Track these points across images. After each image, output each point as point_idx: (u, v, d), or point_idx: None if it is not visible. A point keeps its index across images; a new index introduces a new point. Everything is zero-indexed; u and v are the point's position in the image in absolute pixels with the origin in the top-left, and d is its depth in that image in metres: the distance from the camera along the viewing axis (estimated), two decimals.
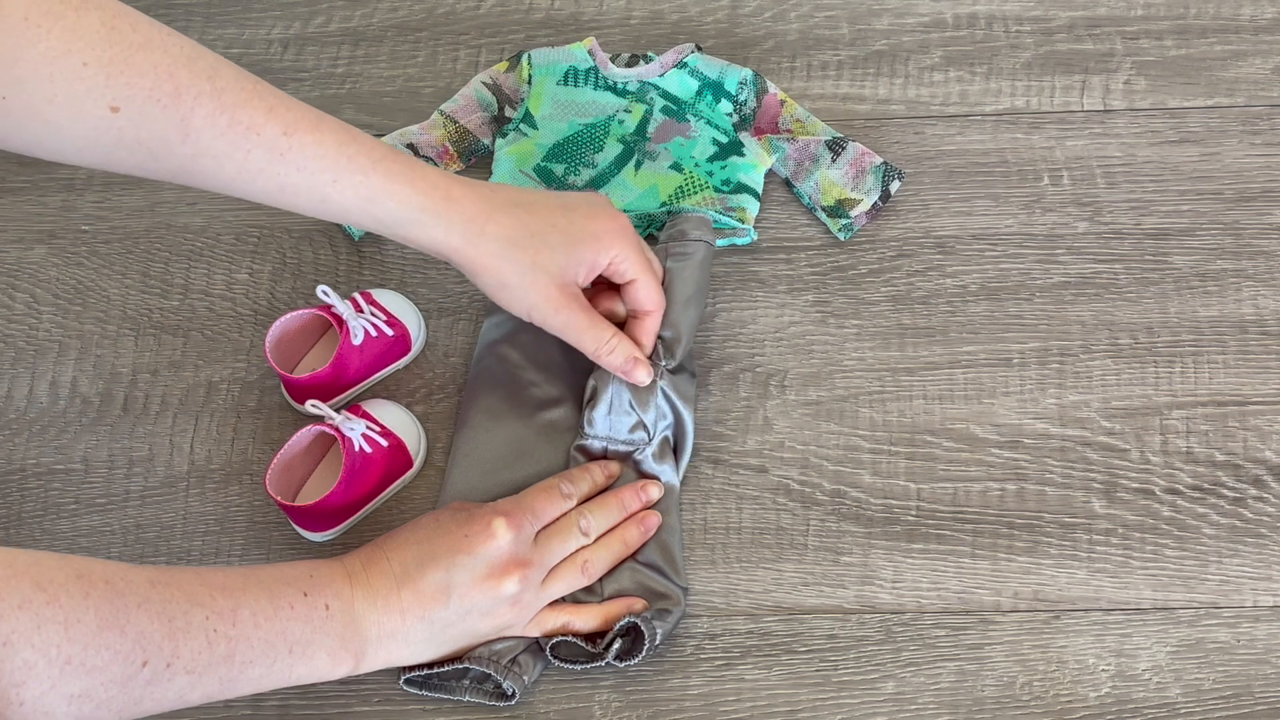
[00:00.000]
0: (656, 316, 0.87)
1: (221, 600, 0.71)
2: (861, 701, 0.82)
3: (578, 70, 1.01)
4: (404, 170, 0.80)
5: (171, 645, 0.68)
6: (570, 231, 0.83)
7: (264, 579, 0.75)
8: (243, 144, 0.76)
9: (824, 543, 0.87)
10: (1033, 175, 0.98)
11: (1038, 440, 0.89)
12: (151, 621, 0.68)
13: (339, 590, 0.77)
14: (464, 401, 0.91)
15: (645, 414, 0.86)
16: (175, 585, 0.70)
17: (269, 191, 0.78)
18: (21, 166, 1.03)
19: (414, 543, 0.80)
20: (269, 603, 0.73)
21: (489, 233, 0.81)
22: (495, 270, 0.82)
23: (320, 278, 0.97)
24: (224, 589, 0.72)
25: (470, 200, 0.81)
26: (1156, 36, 1.03)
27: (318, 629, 0.75)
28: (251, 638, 0.72)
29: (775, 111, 1.00)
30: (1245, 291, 0.93)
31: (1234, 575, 0.85)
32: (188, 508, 0.91)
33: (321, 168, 0.78)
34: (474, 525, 0.80)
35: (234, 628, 0.71)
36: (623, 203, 0.97)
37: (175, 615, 0.69)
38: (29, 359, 0.96)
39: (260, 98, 0.77)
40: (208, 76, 0.75)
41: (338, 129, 0.79)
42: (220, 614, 0.71)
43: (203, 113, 0.75)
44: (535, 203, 0.84)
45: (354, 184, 0.79)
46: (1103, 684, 0.82)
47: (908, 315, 0.93)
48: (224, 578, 0.73)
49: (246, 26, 1.08)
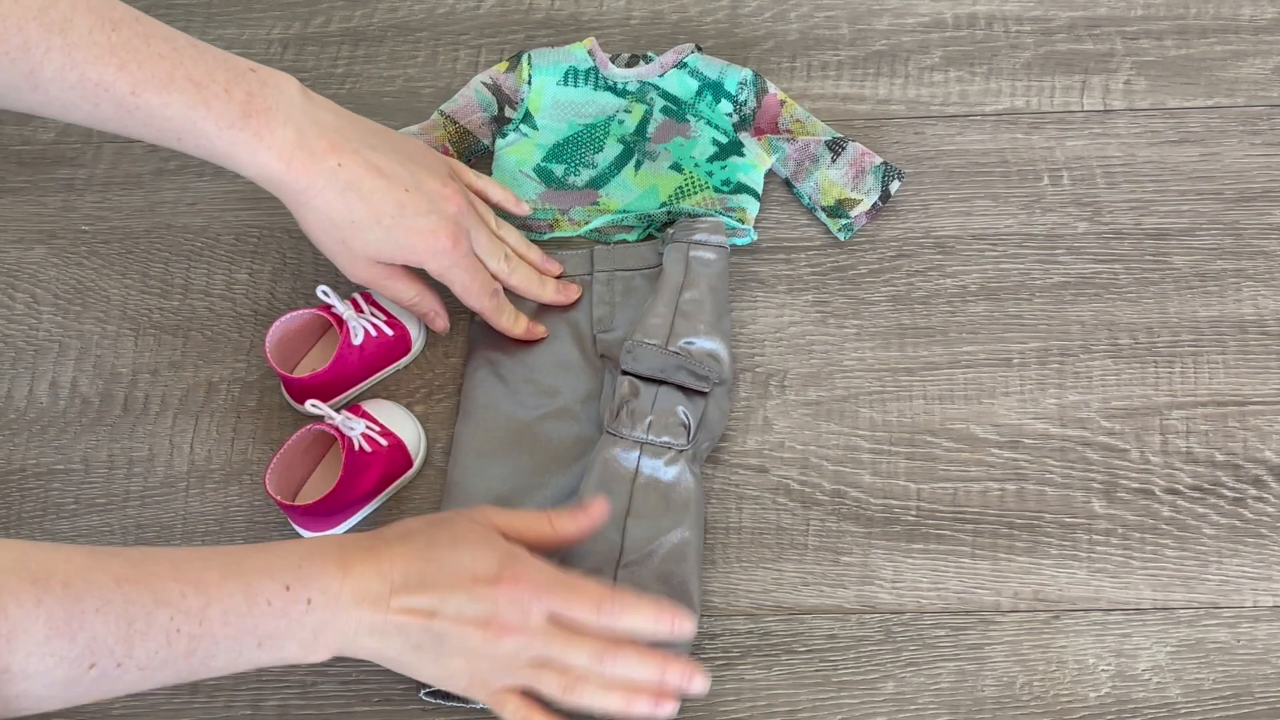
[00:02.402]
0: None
1: (192, 598, 0.69)
2: (861, 701, 0.82)
3: (578, 70, 1.01)
4: (248, 140, 0.81)
5: (125, 648, 0.66)
6: (394, 231, 0.85)
7: (245, 570, 0.71)
8: (91, 97, 0.78)
9: (824, 543, 0.87)
10: (1033, 175, 0.98)
11: (1038, 440, 0.89)
12: (107, 626, 0.66)
13: (327, 584, 0.73)
14: (462, 396, 0.92)
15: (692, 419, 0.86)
16: (144, 582, 0.68)
17: (120, 133, 0.81)
18: (21, 166, 1.03)
19: (422, 559, 0.75)
20: (244, 599, 0.70)
21: (318, 207, 0.84)
22: (314, 238, 0.86)
23: (320, 278, 0.97)
24: (198, 584, 0.69)
25: (308, 175, 0.82)
26: (1156, 36, 1.03)
27: (294, 622, 0.72)
28: (218, 635, 0.70)
29: (775, 112, 1.00)
30: (1245, 291, 0.93)
31: (1234, 575, 0.85)
32: (188, 508, 0.91)
33: (166, 128, 0.80)
34: (490, 568, 0.75)
35: (200, 626, 0.69)
36: (623, 203, 0.97)
37: (136, 618, 0.67)
38: (29, 359, 0.96)
39: (113, 52, 0.77)
40: (60, 29, 0.75)
41: (188, 89, 0.79)
42: (188, 613, 0.68)
43: (52, 67, 0.76)
44: (375, 190, 0.84)
45: (197, 147, 0.81)
46: (1103, 684, 0.82)
47: (908, 315, 0.93)
48: (202, 569, 0.70)
49: (246, 26, 1.08)
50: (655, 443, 0.85)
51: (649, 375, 0.87)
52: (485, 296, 0.89)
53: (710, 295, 0.90)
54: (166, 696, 0.85)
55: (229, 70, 0.81)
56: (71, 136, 1.04)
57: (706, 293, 0.90)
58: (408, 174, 0.85)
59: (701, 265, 0.91)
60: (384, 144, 0.86)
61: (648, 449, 0.86)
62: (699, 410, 0.87)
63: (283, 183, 0.83)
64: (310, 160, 0.82)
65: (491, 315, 0.91)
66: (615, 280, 0.94)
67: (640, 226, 0.97)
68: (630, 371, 0.87)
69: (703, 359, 0.88)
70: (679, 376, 0.86)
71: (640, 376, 0.87)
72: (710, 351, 0.88)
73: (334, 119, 0.84)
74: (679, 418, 0.86)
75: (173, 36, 0.80)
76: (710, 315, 0.89)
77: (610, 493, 0.84)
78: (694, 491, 0.85)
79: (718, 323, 0.90)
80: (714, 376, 0.87)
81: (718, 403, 0.88)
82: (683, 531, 0.84)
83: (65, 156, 1.04)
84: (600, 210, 0.97)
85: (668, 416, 0.86)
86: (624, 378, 0.87)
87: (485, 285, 0.90)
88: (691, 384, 0.86)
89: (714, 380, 0.87)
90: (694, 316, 0.89)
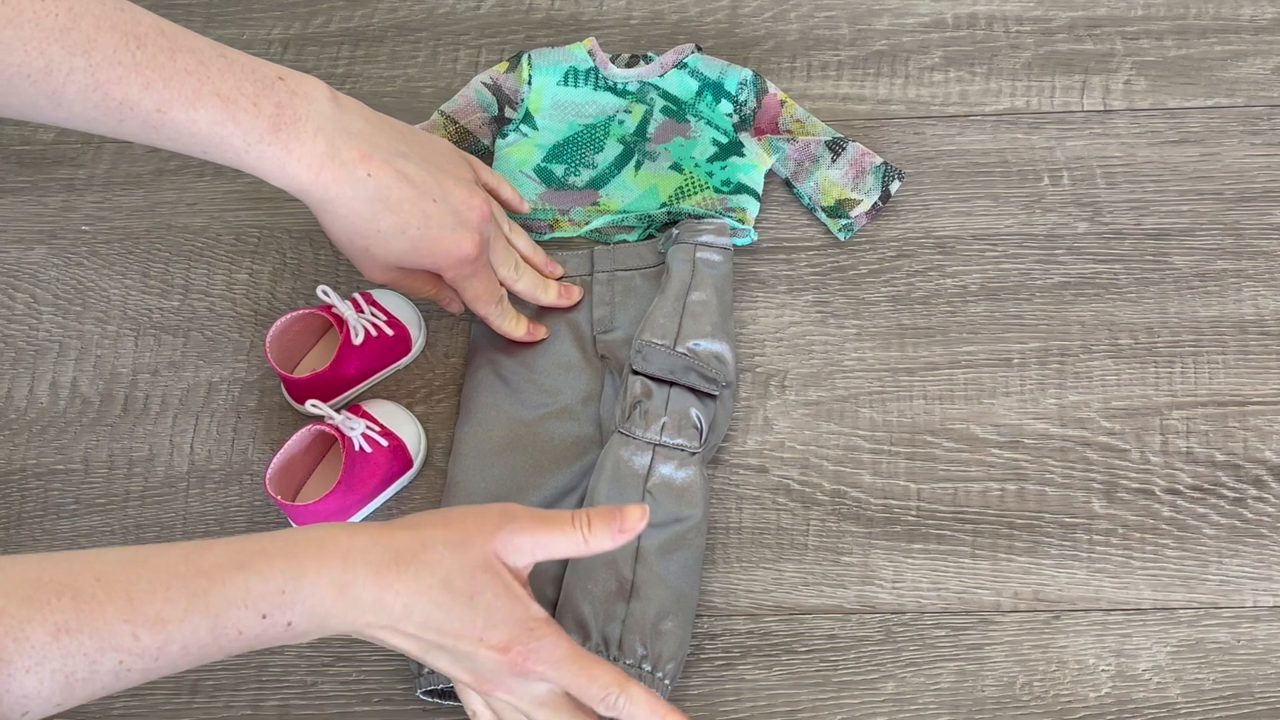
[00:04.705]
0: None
1: (147, 638, 0.63)
2: (861, 701, 0.82)
3: (578, 70, 1.01)
4: (276, 155, 0.79)
5: (65, 694, 0.62)
6: (419, 242, 0.84)
7: (214, 603, 0.65)
8: (116, 115, 0.76)
9: (824, 543, 0.87)
10: (1033, 175, 0.98)
11: (1038, 440, 0.89)
12: (40, 683, 0.61)
13: (314, 607, 0.67)
14: (464, 396, 0.92)
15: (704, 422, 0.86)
16: (88, 630, 0.62)
17: (145, 144, 0.82)
18: (21, 166, 1.03)
19: (431, 602, 0.69)
20: (209, 633, 0.65)
21: (344, 215, 0.83)
22: (337, 242, 0.85)
23: (320, 278, 0.97)
24: (155, 623, 0.63)
25: (337, 185, 0.81)
26: (1156, 36, 1.03)
27: (267, 639, 0.67)
28: (178, 663, 0.65)
29: (775, 112, 1.00)
30: (1245, 291, 0.93)
31: (1234, 575, 0.85)
32: (188, 508, 0.91)
33: (193, 143, 0.79)
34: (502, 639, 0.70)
35: (156, 661, 0.64)
36: (623, 203, 0.97)
37: (76, 669, 0.62)
38: (29, 359, 0.96)
39: (138, 71, 0.76)
40: (83, 51, 0.74)
41: (215, 105, 0.77)
42: (140, 654, 0.63)
43: (75, 88, 0.75)
44: (403, 201, 0.83)
45: (224, 159, 0.80)
46: (1103, 684, 0.82)
47: (908, 315, 0.93)
48: (164, 602, 0.64)
49: (246, 26, 1.08)
50: (669, 445, 0.85)
51: (659, 376, 0.87)
52: (492, 303, 0.90)
53: (716, 297, 0.90)
54: (166, 696, 0.85)
55: (257, 81, 0.79)
56: (72, 136, 1.04)
57: (712, 294, 0.90)
58: (435, 184, 0.84)
59: (708, 267, 0.91)
60: (414, 150, 0.85)
61: (660, 451, 0.86)
62: (710, 413, 0.87)
63: (310, 192, 0.82)
64: (340, 171, 0.81)
65: (496, 320, 0.91)
66: (615, 280, 0.94)
67: (640, 227, 0.97)
68: (640, 372, 0.87)
69: (709, 360, 0.88)
70: (688, 378, 0.86)
71: (650, 377, 0.87)
72: (716, 353, 0.88)
73: (364, 125, 0.83)
74: (692, 420, 0.86)
75: (199, 48, 0.78)
76: (716, 317, 0.89)
77: (622, 494, 0.84)
78: (704, 493, 0.85)
79: (723, 324, 0.90)
80: (721, 379, 0.87)
81: (723, 404, 0.88)
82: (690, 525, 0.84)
83: (65, 156, 1.04)
84: (600, 210, 0.97)
85: (681, 419, 0.86)
86: (635, 378, 0.87)
87: (494, 292, 0.90)
88: (701, 386, 0.86)
89: (721, 383, 0.87)
90: (701, 318, 0.89)
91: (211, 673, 0.85)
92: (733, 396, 0.90)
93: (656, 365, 0.87)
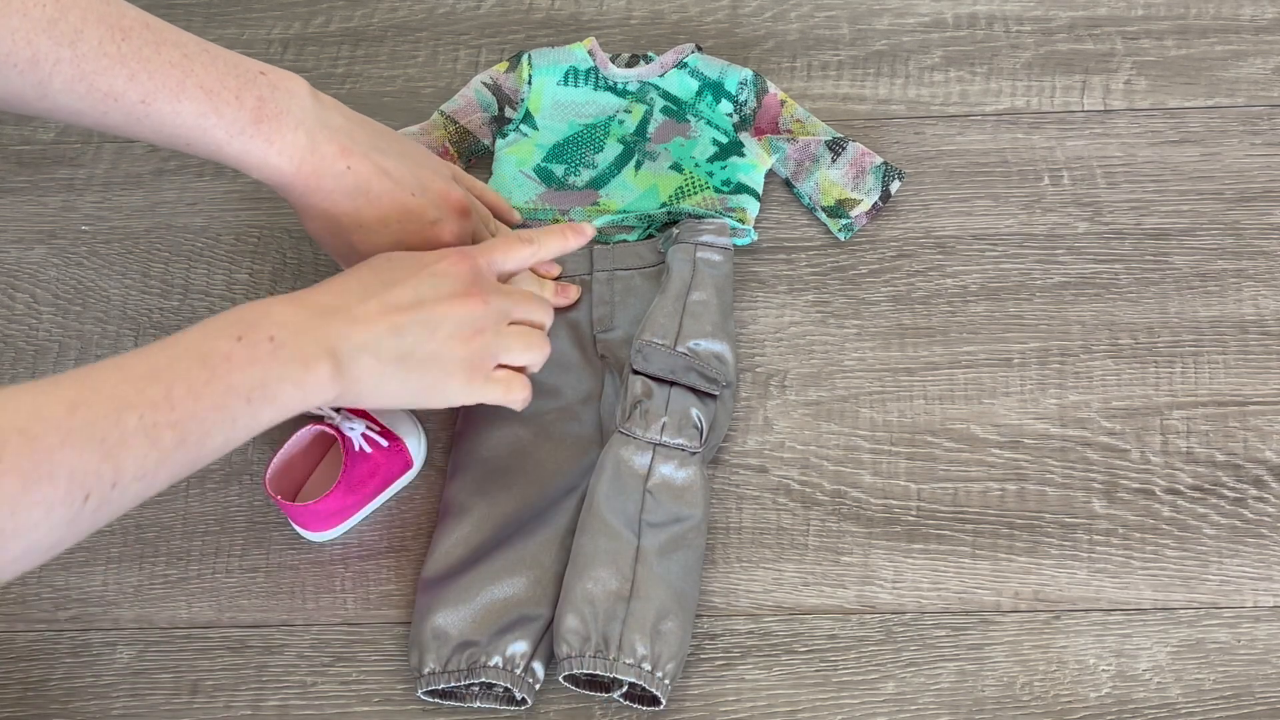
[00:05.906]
0: None
1: (150, 389, 0.66)
2: (861, 702, 0.82)
3: (578, 70, 1.01)
4: (258, 147, 0.80)
5: (112, 466, 0.64)
6: (400, 235, 0.85)
7: (190, 342, 0.69)
8: (101, 106, 0.77)
9: (824, 543, 0.87)
10: (1033, 175, 0.98)
11: (1038, 440, 0.89)
12: (81, 454, 0.63)
13: (280, 317, 0.71)
14: None
15: (705, 422, 0.86)
16: (96, 399, 0.65)
17: (129, 137, 0.81)
18: (21, 166, 1.03)
19: (370, 269, 0.78)
20: (201, 367, 0.68)
21: (325, 210, 0.84)
22: (319, 239, 0.87)
23: (320, 277, 0.97)
24: (150, 375, 0.66)
25: (318, 178, 0.82)
26: (1157, 36, 1.03)
27: (269, 366, 0.69)
28: (196, 412, 0.67)
29: (775, 112, 1.00)
30: (1245, 291, 0.93)
31: (1234, 575, 0.85)
32: (188, 508, 0.91)
33: (176, 135, 0.79)
34: (438, 256, 0.80)
35: (173, 412, 0.66)
36: (623, 203, 0.97)
37: (107, 434, 0.64)
38: (29, 359, 0.96)
39: (123, 63, 0.76)
40: (69, 42, 0.75)
41: (199, 97, 0.78)
42: (154, 404, 0.66)
43: (61, 79, 0.75)
44: (383, 194, 0.84)
45: (207, 152, 0.81)
46: (1103, 684, 0.82)
47: (908, 315, 0.93)
48: (148, 361, 0.67)
49: (247, 26, 1.08)
50: (670, 445, 0.85)
51: (659, 375, 0.87)
52: None
53: (716, 297, 0.90)
54: (166, 697, 0.85)
55: (239, 75, 0.80)
56: (71, 136, 1.04)
57: (713, 295, 0.90)
58: (414, 178, 0.85)
59: (708, 267, 0.91)
60: (391, 147, 0.86)
61: (660, 451, 0.86)
62: (711, 413, 0.87)
63: (292, 185, 0.82)
64: (320, 164, 0.82)
65: None
66: (615, 280, 0.94)
67: (640, 227, 0.97)
68: (641, 371, 0.87)
69: (709, 360, 0.88)
70: (689, 378, 0.86)
71: (651, 377, 0.87)
72: (716, 353, 0.88)
73: (344, 121, 0.84)
74: (693, 420, 0.86)
75: (183, 42, 0.79)
76: (716, 317, 0.89)
77: (622, 493, 0.84)
78: (704, 493, 0.85)
79: (724, 324, 0.90)
80: (721, 379, 0.87)
81: (724, 404, 0.88)
82: (690, 524, 0.84)
83: (65, 156, 1.04)
84: (600, 210, 0.97)
85: (682, 419, 0.86)
86: (636, 377, 0.87)
87: None
88: (701, 386, 0.86)
89: (722, 383, 0.87)
90: (702, 318, 0.89)
91: (211, 673, 0.85)
92: (733, 396, 0.90)
93: (657, 365, 0.87)
